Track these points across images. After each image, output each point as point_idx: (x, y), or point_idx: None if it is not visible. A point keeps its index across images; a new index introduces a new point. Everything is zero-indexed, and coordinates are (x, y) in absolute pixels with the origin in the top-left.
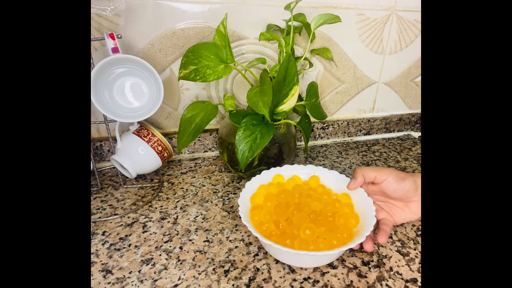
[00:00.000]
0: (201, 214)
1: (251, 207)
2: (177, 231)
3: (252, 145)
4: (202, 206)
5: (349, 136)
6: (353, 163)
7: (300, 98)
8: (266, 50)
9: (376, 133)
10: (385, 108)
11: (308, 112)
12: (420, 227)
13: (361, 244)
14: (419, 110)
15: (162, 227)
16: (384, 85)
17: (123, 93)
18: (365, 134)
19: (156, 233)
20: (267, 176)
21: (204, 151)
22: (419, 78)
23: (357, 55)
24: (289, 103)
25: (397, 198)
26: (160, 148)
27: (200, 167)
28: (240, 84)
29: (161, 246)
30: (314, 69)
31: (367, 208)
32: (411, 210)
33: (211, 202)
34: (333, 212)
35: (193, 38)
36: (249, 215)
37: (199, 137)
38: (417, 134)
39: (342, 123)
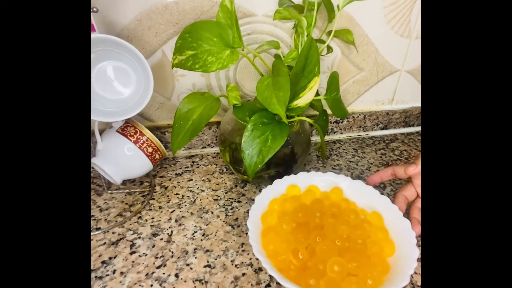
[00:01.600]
0: (200, 229)
1: (263, 229)
2: (172, 252)
3: (262, 148)
4: (201, 218)
5: (364, 131)
6: (371, 163)
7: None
8: (277, 31)
9: (394, 128)
10: (406, 99)
11: (326, 107)
12: None
13: None
14: None
15: (153, 246)
16: (407, 74)
17: (103, 82)
18: (382, 129)
19: (146, 255)
20: (279, 186)
21: (203, 147)
22: None
23: (380, 38)
24: (307, 97)
25: None
26: (150, 149)
27: (198, 167)
28: (245, 71)
29: (153, 273)
30: (330, 54)
31: (404, 232)
32: None
33: (212, 212)
34: (363, 238)
35: (190, 14)
36: (261, 242)
37: None
38: None
39: (358, 116)
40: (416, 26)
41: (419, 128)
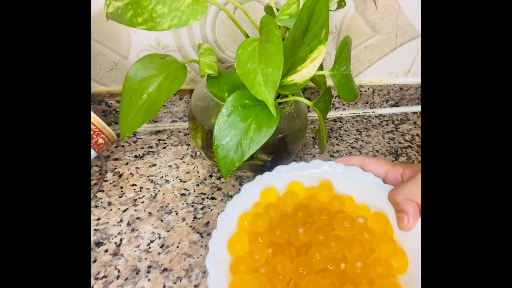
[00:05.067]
0: (159, 237)
1: (233, 261)
2: (119, 271)
3: (241, 141)
4: (161, 220)
5: (371, 108)
6: (377, 150)
7: None
8: None
9: (406, 105)
10: None
11: (331, 84)
12: None
13: None
14: None
15: (95, 261)
16: None
17: None
18: (392, 106)
19: None
20: (249, 194)
21: (173, 121)
22: None
23: None
24: (306, 71)
25: None
26: (90, 132)
27: (165, 147)
28: (228, 25)
29: None
30: (340, 9)
31: (415, 239)
32: None
33: (176, 213)
34: (363, 257)
35: None
36: (229, 282)
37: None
38: None
39: (366, 91)
40: None
41: None
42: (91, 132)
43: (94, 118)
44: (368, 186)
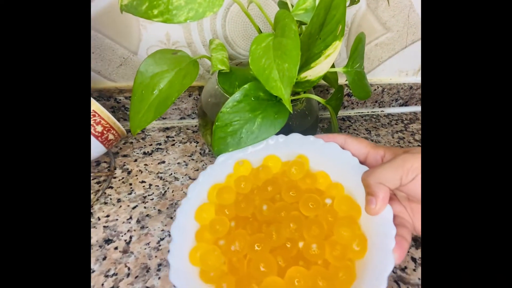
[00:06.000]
0: (169, 235)
1: (198, 229)
2: (129, 269)
3: (242, 130)
4: (171, 218)
5: (380, 107)
6: None
7: None
8: None
9: (416, 105)
10: None
11: (346, 82)
12: None
13: None
14: None
15: (104, 258)
16: None
17: None
18: (401, 105)
19: (94, 271)
20: (224, 166)
21: (181, 118)
22: None
23: None
24: (320, 67)
25: None
26: (100, 128)
27: (174, 144)
28: (238, 21)
29: None
30: (353, 6)
31: (382, 225)
32: None
33: None
34: (319, 239)
35: None
36: (190, 253)
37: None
38: None
39: (375, 89)
40: None
41: None
42: (102, 128)
43: (105, 113)
44: (344, 164)
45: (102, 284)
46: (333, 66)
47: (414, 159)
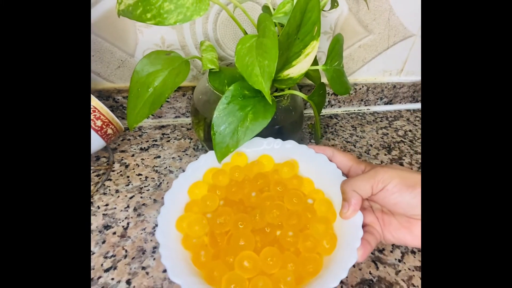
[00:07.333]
0: None
1: (189, 202)
2: (126, 251)
3: (238, 128)
4: None
5: (366, 105)
6: (371, 145)
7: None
8: None
9: (400, 103)
10: (417, 71)
11: (324, 78)
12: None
13: None
14: None
15: (104, 242)
16: None
17: None
18: (386, 103)
19: (94, 253)
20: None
21: (176, 117)
22: None
23: None
24: (301, 66)
25: (398, 213)
26: (99, 122)
27: (169, 141)
28: (228, 25)
29: (99, 277)
30: (334, 9)
31: (352, 227)
32: (412, 232)
33: None
34: (296, 229)
35: None
36: (178, 219)
37: (168, 98)
38: None
39: (360, 89)
40: None
41: None
42: (101, 123)
43: (104, 109)
44: (328, 174)
45: (102, 265)
46: (316, 63)
47: (384, 172)
